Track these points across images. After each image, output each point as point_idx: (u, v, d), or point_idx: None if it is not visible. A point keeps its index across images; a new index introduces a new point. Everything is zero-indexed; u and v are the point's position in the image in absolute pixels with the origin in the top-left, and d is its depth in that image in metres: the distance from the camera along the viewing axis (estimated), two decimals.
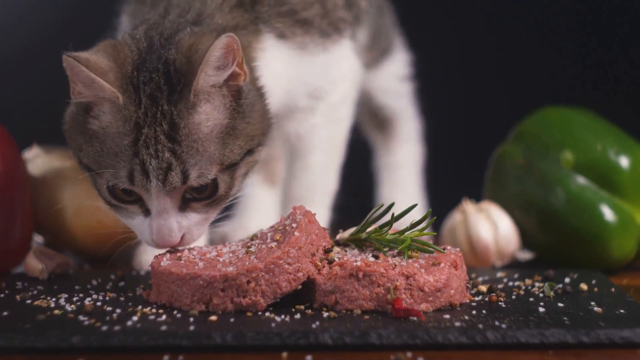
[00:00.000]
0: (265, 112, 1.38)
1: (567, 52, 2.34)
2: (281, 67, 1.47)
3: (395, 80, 1.88)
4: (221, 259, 1.27)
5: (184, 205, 1.31)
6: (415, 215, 1.35)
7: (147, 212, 1.32)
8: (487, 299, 1.30)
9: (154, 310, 1.24)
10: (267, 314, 1.22)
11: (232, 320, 1.19)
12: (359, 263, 1.24)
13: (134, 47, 1.33)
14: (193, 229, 1.33)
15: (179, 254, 1.30)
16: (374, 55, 1.79)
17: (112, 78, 1.29)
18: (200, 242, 1.57)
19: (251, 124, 1.34)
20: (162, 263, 1.28)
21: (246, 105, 1.34)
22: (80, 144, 1.32)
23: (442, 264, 1.26)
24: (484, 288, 1.34)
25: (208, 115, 1.30)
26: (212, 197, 1.32)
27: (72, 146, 1.35)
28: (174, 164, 1.28)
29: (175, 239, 1.31)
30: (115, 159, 1.29)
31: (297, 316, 1.21)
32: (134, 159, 1.28)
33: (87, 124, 1.31)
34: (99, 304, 1.27)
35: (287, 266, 1.23)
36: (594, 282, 1.39)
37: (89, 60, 1.29)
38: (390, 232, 1.31)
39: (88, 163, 1.32)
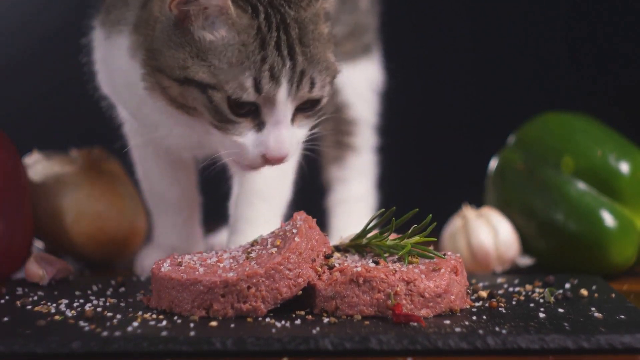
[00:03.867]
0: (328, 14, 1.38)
1: (567, 57, 2.35)
2: None
3: (367, 84, 1.82)
4: (221, 265, 1.27)
5: (293, 117, 1.31)
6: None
7: (260, 125, 1.29)
8: (487, 304, 1.30)
9: (154, 316, 1.24)
10: (267, 319, 1.22)
11: (232, 325, 1.19)
12: (359, 269, 1.24)
13: None
14: (296, 145, 1.32)
15: (179, 260, 1.31)
16: (353, 47, 1.77)
17: None
18: (200, 247, 1.57)
19: (329, 27, 1.35)
20: (162, 269, 1.28)
21: (326, 7, 1.35)
22: (184, 59, 1.28)
23: (442, 270, 1.26)
24: (484, 294, 1.33)
25: (324, 22, 1.32)
26: (313, 109, 1.32)
27: (169, 64, 1.29)
28: (307, 70, 1.28)
29: (289, 151, 1.30)
30: (239, 69, 1.26)
31: (298, 322, 1.21)
32: (262, 66, 1.26)
33: (192, 37, 1.27)
34: (99, 309, 1.27)
35: (287, 272, 1.23)
36: (594, 287, 1.39)
37: None
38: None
39: (202, 78, 1.28)
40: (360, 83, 1.81)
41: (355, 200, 1.81)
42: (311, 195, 1.70)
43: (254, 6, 1.28)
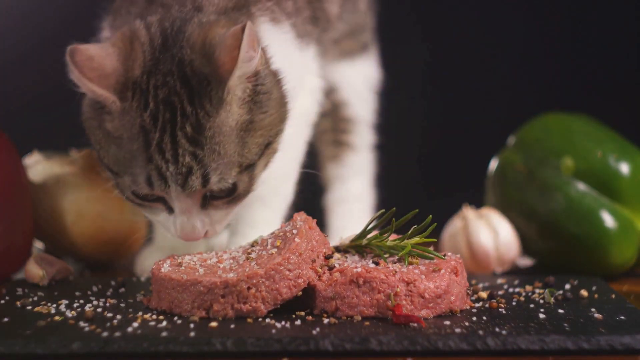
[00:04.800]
0: (282, 97, 1.33)
1: (567, 58, 2.35)
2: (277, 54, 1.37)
3: (364, 82, 1.81)
4: (222, 265, 1.27)
5: (205, 203, 1.31)
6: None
7: (171, 209, 1.31)
8: (487, 305, 1.30)
9: (154, 317, 1.24)
10: (267, 320, 1.22)
11: (232, 326, 1.19)
12: (359, 269, 1.24)
13: (147, 45, 1.29)
14: (216, 225, 1.33)
15: (179, 260, 1.31)
16: (351, 46, 1.77)
17: (112, 82, 1.26)
18: (200, 247, 1.57)
19: (269, 114, 1.31)
20: (162, 269, 1.28)
21: (263, 94, 1.30)
22: (100, 139, 1.30)
23: (442, 271, 1.26)
24: (484, 294, 1.34)
25: (233, 112, 1.27)
26: (231, 196, 1.31)
27: (93, 139, 1.32)
28: (195, 168, 1.26)
29: (199, 236, 1.32)
30: (132, 164, 1.27)
31: (298, 322, 1.21)
32: (148, 165, 1.26)
33: (103, 121, 1.29)
34: (99, 310, 1.27)
35: (287, 272, 1.24)
36: (594, 288, 1.39)
37: (93, 58, 1.25)
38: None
39: (108, 164, 1.30)
40: (358, 81, 1.81)
41: (353, 200, 1.81)
42: (309, 194, 1.71)
43: (145, 101, 1.26)
